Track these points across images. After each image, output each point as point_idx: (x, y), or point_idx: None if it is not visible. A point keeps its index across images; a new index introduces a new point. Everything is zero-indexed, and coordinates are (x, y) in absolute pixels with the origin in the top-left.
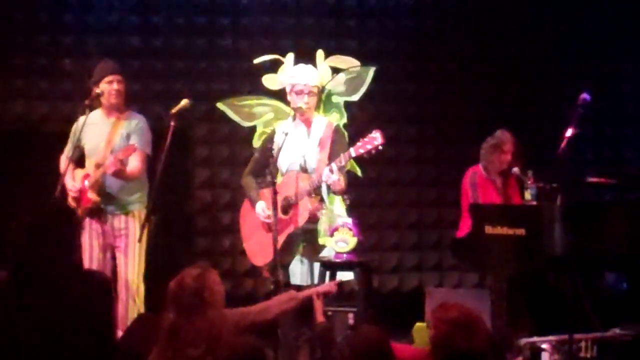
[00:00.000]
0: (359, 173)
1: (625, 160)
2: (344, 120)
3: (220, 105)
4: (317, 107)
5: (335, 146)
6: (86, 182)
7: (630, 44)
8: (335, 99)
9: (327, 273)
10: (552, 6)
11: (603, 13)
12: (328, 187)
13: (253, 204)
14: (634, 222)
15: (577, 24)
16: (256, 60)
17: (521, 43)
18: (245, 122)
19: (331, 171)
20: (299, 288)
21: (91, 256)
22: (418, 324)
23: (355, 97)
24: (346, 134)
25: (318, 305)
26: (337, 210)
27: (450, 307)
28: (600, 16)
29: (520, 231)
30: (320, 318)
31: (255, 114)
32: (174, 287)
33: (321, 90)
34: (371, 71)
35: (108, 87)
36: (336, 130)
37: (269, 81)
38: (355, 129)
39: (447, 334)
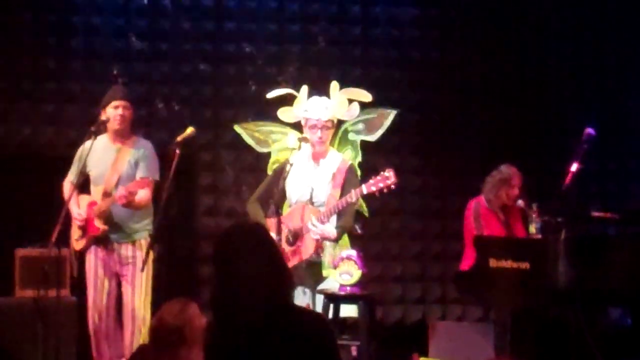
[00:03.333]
0: (366, 214)
1: (630, 195)
2: (359, 159)
3: (237, 128)
4: (332, 142)
5: (347, 185)
6: (94, 210)
7: (636, 79)
8: (352, 136)
9: (331, 305)
10: (557, 39)
11: (608, 47)
12: (338, 216)
13: None
14: (638, 257)
15: (583, 58)
16: (269, 95)
17: (526, 76)
18: (260, 147)
19: (313, 225)
20: None
21: (95, 283)
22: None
23: (373, 138)
24: (359, 172)
25: None
26: (341, 242)
27: None
28: (606, 50)
29: (525, 265)
30: None
31: (270, 140)
32: (154, 324)
33: (337, 123)
34: (392, 114)
35: (113, 112)
36: (350, 169)
37: (285, 114)
38: (363, 159)
39: None
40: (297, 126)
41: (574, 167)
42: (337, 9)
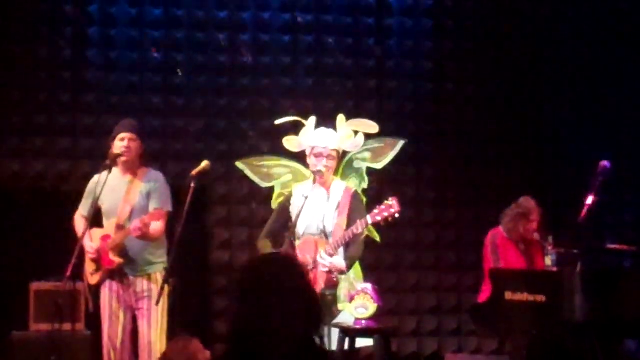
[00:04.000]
0: (378, 238)
1: None
2: (364, 185)
3: (239, 164)
4: (336, 172)
5: (353, 213)
6: (108, 243)
7: None
8: (357, 164)
9: (347, 339)
10: (574, 71)
11: (626, 78)
12: (345, 247)
13: None
14: None
15: (598, 89)
16: (277, 121)
17: (542, 106)
18: (263, 182)
19: (322, 258)
20: None
21: (110, 317)
22: None
23: (379, 166)
24: (364, 199)
25: None
26: (353, 275)
27: None
28: (622, 81)
29: (541, 297)
30: None
31: (273, 174)
32: None
33: (341, 154)
34: (400, 144)
35: (119, 144)
36: (354, 195)
37: (290, 143)
38: (376, 190)
39: None
40: (298, 158)
41: (590, 199)
42: (353, 41)
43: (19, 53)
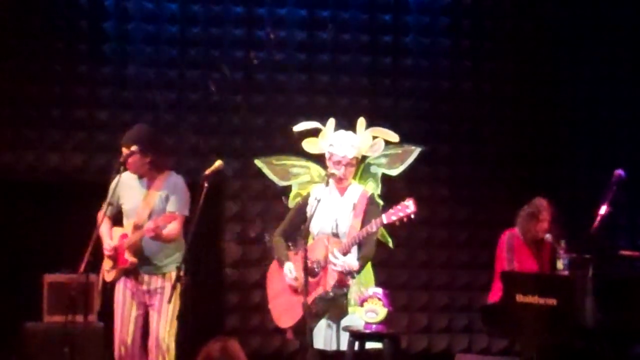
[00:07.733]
0: (391, 244)
1: None
2: (379, 191)
3: (257, 162)
4: (354, 175)
5: (368, 216)
6: (124, 242)
7: None
8: (374, 169)
9: (356, 343)
10: (591, 72)
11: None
12: (358, 247)
13: (281, 264)
14: None
15: (615, 91)
16: (295, 128)
17: (559, 108)
18: (281, 181)
19: (335, 257)
20: (322, 353)
21: (123, 312)
22: None
23: (395, 172)
24: (381, 204)
25: None
26: (365, 277)
27: None
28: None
29: (552, 301)
30: None
31: (291, 173)
32: None
33: (360, 159)
34: (416, 152)
35: (123, 153)
36: (371, 199)
37: (309, 145)
38: (389, 188)
39: None
40: (317, 159)
41: (603, 209)
42: (369, 39)
43: (35, 48)
